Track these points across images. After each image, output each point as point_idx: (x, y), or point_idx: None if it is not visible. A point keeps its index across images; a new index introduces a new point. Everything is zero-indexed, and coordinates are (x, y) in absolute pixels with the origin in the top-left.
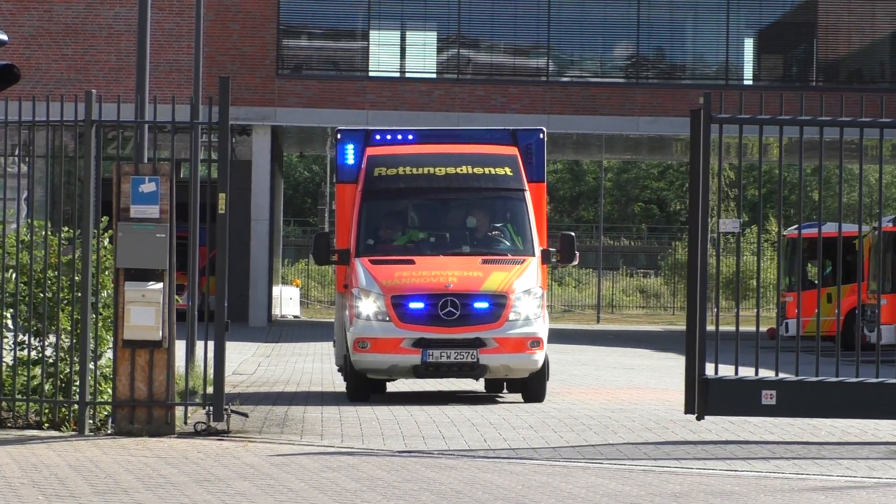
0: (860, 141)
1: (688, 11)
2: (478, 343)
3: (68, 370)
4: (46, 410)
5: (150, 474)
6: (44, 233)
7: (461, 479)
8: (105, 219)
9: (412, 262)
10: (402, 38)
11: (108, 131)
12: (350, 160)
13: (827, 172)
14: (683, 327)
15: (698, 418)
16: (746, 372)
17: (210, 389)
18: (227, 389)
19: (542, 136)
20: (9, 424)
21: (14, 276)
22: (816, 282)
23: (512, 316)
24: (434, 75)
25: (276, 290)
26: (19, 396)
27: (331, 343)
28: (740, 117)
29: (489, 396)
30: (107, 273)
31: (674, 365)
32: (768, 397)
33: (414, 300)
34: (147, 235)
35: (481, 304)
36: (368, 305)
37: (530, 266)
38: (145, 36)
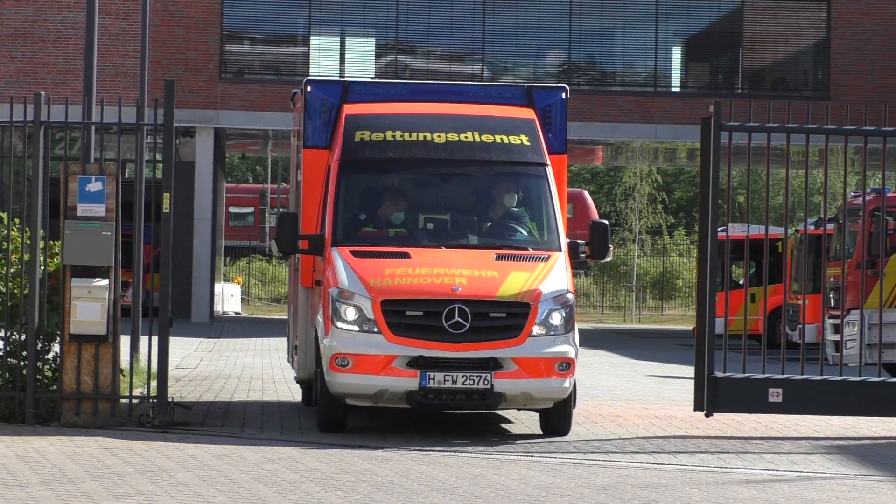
0: (863, 148)
1: (618, 19)
2: (493, 364)
3: (17, 363)
4: None
5: (96, 465)
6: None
7: (397, 470)
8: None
9: (407, 255)
10: (342, 44)
11: (55, 132)
12: (322, 119)
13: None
14: (613, 325)
15: (707, 415)
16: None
17: (154, 383)
18: (171, 383)
19: (564, 95)
20: None
21: None
22: (742, 282)
23: (536, 330)
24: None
25: (217, 287)
26: None
27: (272, 339)
28: (749, 125)
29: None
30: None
31: (602, 361)
32: (775, 395)
33: (411, 307)
34: (93, 233)
35: (498, 315)
36: (351, 312)
37: (558, 264)
38: (93, 40)
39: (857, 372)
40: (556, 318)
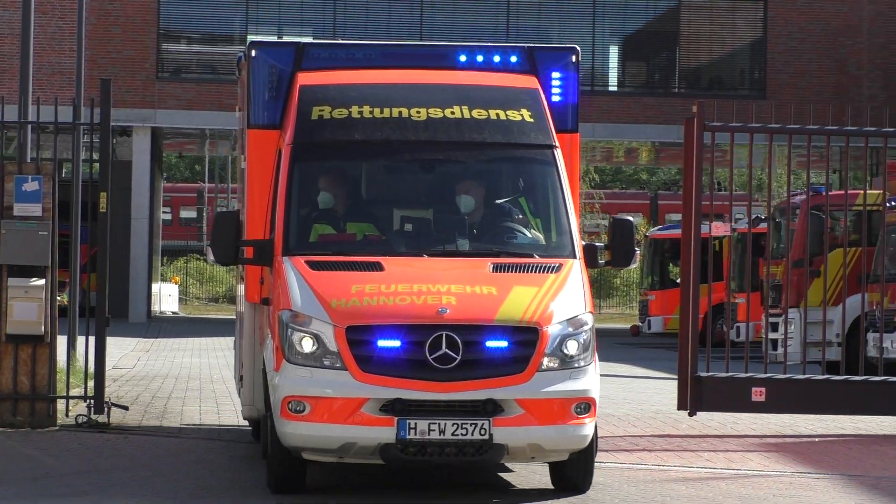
0: (846, 147)
1: (555, 18)
2: (491, 408)
3: None
4: None
5: (33, 465)
6: None
7: None
8: None
9: (379, 266)
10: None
11: None
12: (271, 92)
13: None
14: None
15: (690, 414)
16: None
17: (91, 383)
18: (108, 383)
19: (574, 58)
20: None
21: None
22: (678, 280)
23: (547, 363)
24: None
25: (155, 286)
26: None
27: (210, 339)
28: (732, 125)
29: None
30: None
31: None
32: (758, 394)
33: (385, 335)
34: (30, 233)
35: (497, 344)
36: (307, 342)
37: (572, 275)
38: (29, 39)
39: (801, 371)
40: (572, 347)
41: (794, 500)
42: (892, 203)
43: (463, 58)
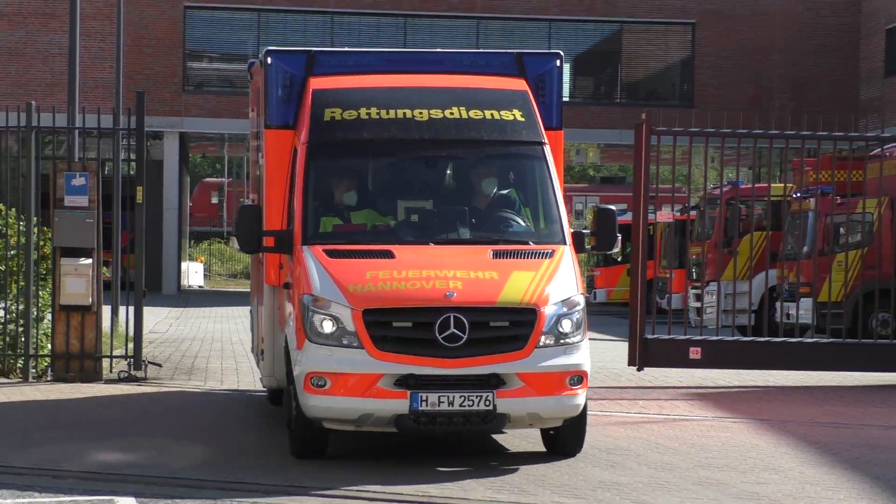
0: (778, 152)
1: (518, 38)
2: (494, 382)
3: (16, 329)
4: None
5: (83, 412)
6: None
7: None
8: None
9: (390, 254)
10: None
11: (45, 136)
12: (285, 95)
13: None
14: None
15: (639, 369)
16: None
17: (130, 345)
18: (144, 345)
19: (559, 62)
20: None
21: None
22: (619, 259)
23: (544, 340)
24: None
25: (184, 265)
26: None
27: (230, 308)
28: (675, 130)
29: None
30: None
31: None
32: (695, 353)
33: (398, 317)
34: (78, 220)
35: (499, 324)
36: (327, 324)
37: (564, 260)
38: (75, 58)
39: (731, 333)
40: (567, 325)
41: (713, 439)
42: (797, 194)
43: (459, 63)
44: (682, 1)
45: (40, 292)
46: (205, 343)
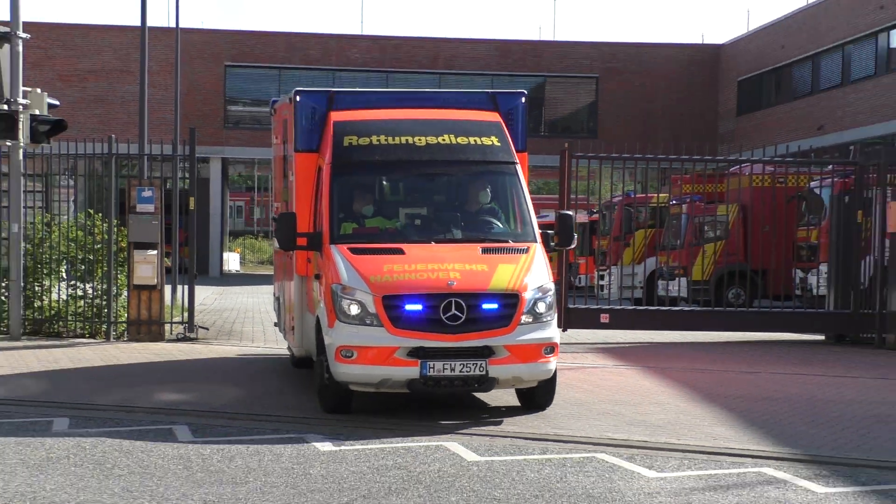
0: (659, 170)
1: (468, 88)
2: (486, 352)
3: (101, 302)
4: (87, 327)
5: (150, 364)
6: (88, 221)
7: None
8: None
9: (401, 251)
10: None
11: (122, 160)
12: (311, 126)
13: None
14: None
15: (564, 331)
16: None
17: (185, 314)
18: (196, 314)
19: (523, 99)
20: (63, 336)
21: (71, 246)
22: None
23: (524, 319)
24: None
25: (224, 254)
26: (71, 318)
27: (260, 286)
28: (588, 155)
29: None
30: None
31: None
32: (604, 318)
33: (410, 301)
34: (147, 222)
35: (490, 306)
36: (354, 307)
37: (537, 255)
38: (144, 103)
39: (645, 303)
40: (541, 307)
41: (613, 381)
42: (674, 201)
43: (447, 100)
44: (588, 60)
45: (118, 275)
46: (240, 313)
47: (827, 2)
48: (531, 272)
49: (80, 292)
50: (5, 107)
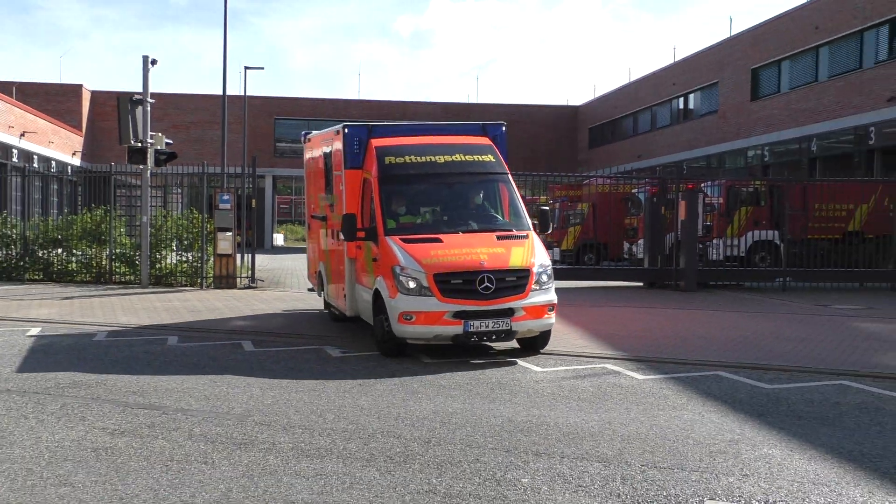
0: (542, 183)
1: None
2: (509, 312)
3: (198, 265)
4: (189, 280)
5: (227, 303)
6: (191, 215)
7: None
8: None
9: (439, 240)
10: None
11: (210, 178)
12: (356, 150)
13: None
14: None
15: None
16: None
17: (249, 272)
18: (257, 272)
19: (504, 129)
20: (174, 286)
21: (177, 231)
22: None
23: (534, 287)
24: None
25: (274, 235)
26: (179, 275)
27: (298, 255)
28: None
29: None
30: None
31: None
32: None
33: (455, 277)
34: (225, 215)
35: (511, 279)
36: (411, 282)
37: (536, 240)
38: (224, 141)
39: None
40: (545, 278)
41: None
42: (551, 201)
43: (451, 129)
44: (498, 114)
45: (208, 248)
46: (284, 271)
47: (641, 80)
48: (535, 253)
49: (184, 259)
50: (139, 144)
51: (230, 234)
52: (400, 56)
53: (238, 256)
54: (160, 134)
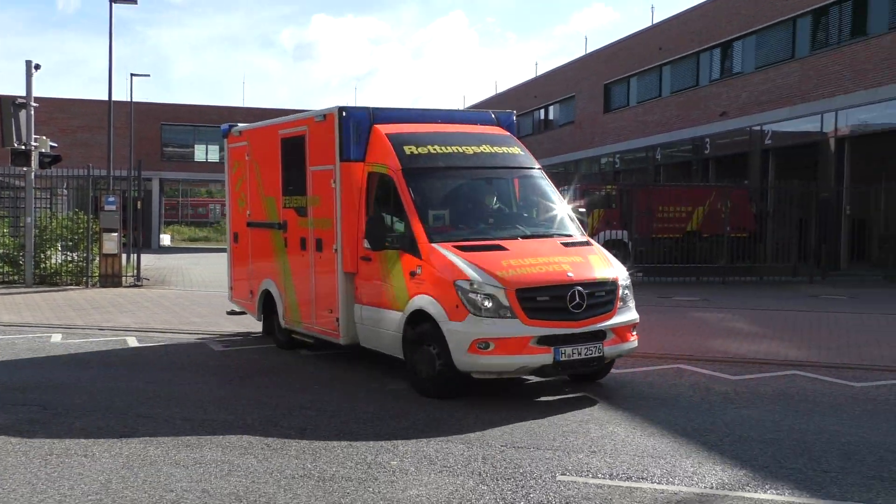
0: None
1: None
2: (601, 335)
3: (83, 264)
4: (74, 279)
5: (112, 300)
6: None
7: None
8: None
9: (502, 247)
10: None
11: (97, 181)
12: (356, 138)
13: None
14: None
15: None
16: None
17: (135, 270)
18: (142, 271)
19: (514, 117)
20: (59, 285)
21: (62, 231)
22: None
23: (620, 304)
24: None
25: (160, 235)
26: (64, 274)
27: (188, 255)
28: None
29: None
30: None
31: None
32: None
33: (541, 293)
34: (111, 216)
35: (601, 294)
36: (487, 301)
37: (601, 248)
38: (110, 146)
39: None
40: (628, 292)
41: None
42: None
43: (460, 117)
44: None
45: (93, 248)
46: (170, 270)
47: (506, 92)
48: (612, 263)
49: (69, 258)
50: (23, 147)
51: (116, 234)
52: (284, 67)
53: (124, 256)
54: (44, 137)
